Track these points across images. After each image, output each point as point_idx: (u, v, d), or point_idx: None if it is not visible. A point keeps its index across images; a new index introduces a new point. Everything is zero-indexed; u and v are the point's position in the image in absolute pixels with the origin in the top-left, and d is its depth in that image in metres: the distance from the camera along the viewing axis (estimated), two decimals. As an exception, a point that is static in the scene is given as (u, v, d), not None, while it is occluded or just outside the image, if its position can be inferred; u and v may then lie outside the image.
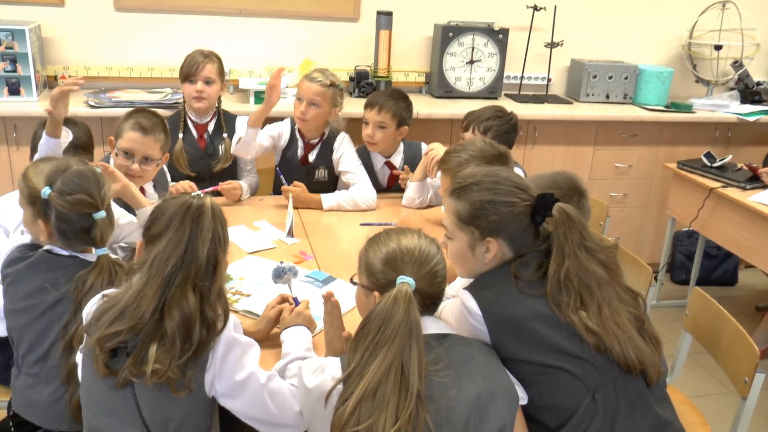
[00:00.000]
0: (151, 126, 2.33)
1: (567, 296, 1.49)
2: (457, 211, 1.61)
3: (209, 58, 2.90)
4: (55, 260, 1.68)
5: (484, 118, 2.65)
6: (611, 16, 4.39)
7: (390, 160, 3.07)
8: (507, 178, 1.62)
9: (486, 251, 1.58)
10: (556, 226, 1.54)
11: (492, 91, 4.10)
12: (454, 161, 2.22)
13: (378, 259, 1.47)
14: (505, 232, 1.57)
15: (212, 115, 2.98)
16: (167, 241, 1.39)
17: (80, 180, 1.65)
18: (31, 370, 1.68)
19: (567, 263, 1.50)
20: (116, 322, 1.36)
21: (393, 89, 3.13)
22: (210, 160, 2.94)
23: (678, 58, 4.53)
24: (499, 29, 4.01)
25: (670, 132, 4.08)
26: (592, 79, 4.17)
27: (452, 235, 1.64)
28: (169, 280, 1.37)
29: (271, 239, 2.45)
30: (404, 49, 4.12)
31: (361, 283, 1.52)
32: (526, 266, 1.54)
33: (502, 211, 1.56)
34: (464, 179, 1.64)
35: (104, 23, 3.74)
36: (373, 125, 2.93)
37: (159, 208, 1.46)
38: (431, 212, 2.59)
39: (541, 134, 3.89)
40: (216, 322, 1.40)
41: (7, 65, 3.31)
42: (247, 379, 1.43)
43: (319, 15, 3.98)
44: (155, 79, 3.82)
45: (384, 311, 1.34)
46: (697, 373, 3.22)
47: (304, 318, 1.76)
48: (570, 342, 1.47)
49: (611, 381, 1.47)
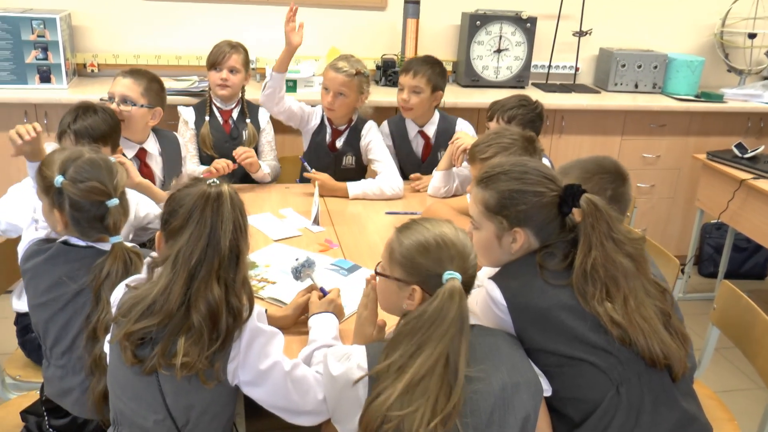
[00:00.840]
0: (137, 72, 2.53)
1: (593, 287, 1.47)
2: (485, 200, 1.60)
3: (235, 48, 2.99)
4: (72, 252, 1.69)
5: (509, 107, 2.63)
6: (641, 4, 4.32)
7: (423, 129, 3.07)
8: (535, 167, 1.60)
9: (513, 241, 1.57)
10: (584, 217, 1.52)
11: (519, 81, 4.07)
12: (483, 150, 2.20)
13: (417, 251, 1.42)
14: (533, 222, 1.56)
15: (236, 103, 3.06)
16: (189, 235, 1.37)
17: (92, 168, 1.65)
18: (59, 362, 1.70)
19: (594, 254, 1.49)
20: (144, 318, 1.36)
21: (427, 55, 3.13)
22: (234, 143, 2.98)
23: (709, 46, 4.45)
24: (527, 17, 3.97)
25: (700, 122, 4.02)
26: (621, 68, 4.11)
27: (479, 224, 1.63)
28: (193, 274, 1.37)
29: (297, 227, 2.46)
30: (431, 37, 4.10)
31: (394, 275, 1.47)
32: (551, 256, 1.54)
33: (531, 201, 1.55)
34: (492, 168, 1.63)
35: (133, 12, 3.78)
36: (408, 90, 2.95)
37: (175, 199, 1.43)
38: (457, 201, 2.58)
39: (569, 124, 3.86)
40: (242, 311, 1.40)
41: (38, 53, 3.36)
42: (271, 368, 1.44)
43: (347, 4, 3.97)
44: (182, 67, 3.85)
45: (439, 309, 1.32)
46: (723, 368, 3.18)
47: (335, 306, 1.76)
48: (595, 334, 1.46)
49: (636, 374, 1.46)
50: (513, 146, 2.14)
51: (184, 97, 3.38)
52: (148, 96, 2.52)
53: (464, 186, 2.83)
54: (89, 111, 2.22)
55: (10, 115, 3.29)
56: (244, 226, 1.44)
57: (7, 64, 3.32)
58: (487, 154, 2.15)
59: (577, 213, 1.55)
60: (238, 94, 3.06)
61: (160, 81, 2.60)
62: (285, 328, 1.76)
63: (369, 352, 1.39)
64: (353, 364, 1.39)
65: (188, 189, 1.43)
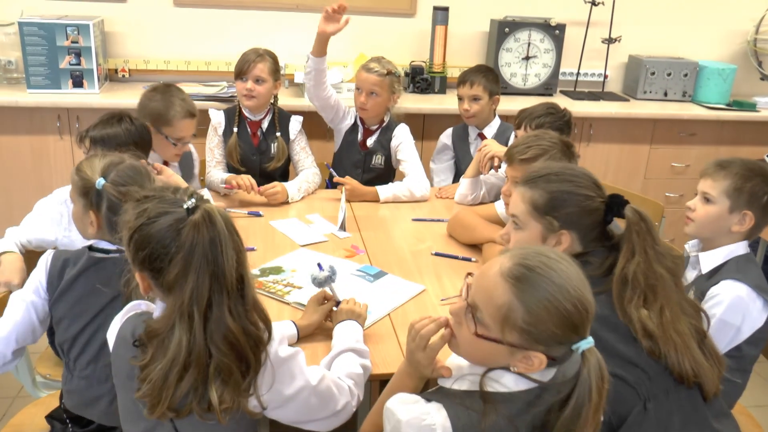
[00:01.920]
0: (195, 108, 2.60)
1: (632, 292, 1.46)
2: (534, 200, 1.58)
3: (262, 57, 2.89)
4: (102, 261, 1.69)
5: (537, 115, 2.62)
6: (671, 11, 4.27)
7: (483, 131, 3.16)
8: (584, 173, 1.61)
9: (557, 244, 1.56)
10: (629, 225, 1.51)
11: (547, 88, 4.05)
12: (522, 151, 2.18)
13: (550, 318, 1.15)
14: (579, 227, 1.56)
15: (266, 112, 2.99)
16: (196, 277, 1.23)
17: (133, 173, 1.70)
18: (84, 372, 1.70)
19: (636, 259, 1.47)
20: (183, 382, 1.26)
21: (479, 65, 3.28)
22: (262, 158, 2.96)
23: (742, 54, 4.38)
24: (555, 24, 3.95)
25: (731, 131, 3.96)
26: (650, 76, 4.07)
27: (524, 224, 1.61)
28: (207, 317, 1.26)
29: (323, 233, 2.46)
30: (459, 44, 4.10)
31: (508, 340, 1.18)
32: (587, 264, 1.50)
33: (581, 204, 1.55)
34: (541, 169, 1.63)
35: (163, 18, 3.83)
36: (467, 100, 3.09)
37: (152, 239, 1.24)
38: (484, 209, 2.56)
39: (597, 132, 3.83)
40: (260, 335, 1.31)
41: (72, 59, 3.41)
42: (298, 391, 1.38)
43: (376, 10, 3.98)
44: (211, 73, 3.89)
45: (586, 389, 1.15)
46: (755, 383, 3.11)
47: (357, 314, 1.75)
48: (624, 345, 1.44)
49: (664, 391, 1.43)
50: (552, 149, 2.13)
51: (213, 103, 3.41)
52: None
53: (491, 194, 2.82)
54: (125, 120, 2.23)
55: (43, 119, 3.35)
56: (241, 245, 1.30)
57: (42, 69, 3.38)
58: (526, 156, 2.13)
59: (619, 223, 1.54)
60: (267, 104, 2.98)
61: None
62: (307, 334, 1.77)
63: (452, 415, 1.19)
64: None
65: (161, 221, 1.24)
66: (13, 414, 1.97)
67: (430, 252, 2.34)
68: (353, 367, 1.56)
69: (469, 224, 2.41)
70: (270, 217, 2.59)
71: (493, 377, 1.21)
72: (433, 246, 2.39)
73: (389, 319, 1.90)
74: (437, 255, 2.33)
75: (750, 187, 1.84)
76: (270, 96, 2.95)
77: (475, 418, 1.16)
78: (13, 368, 2.03)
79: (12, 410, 2.63)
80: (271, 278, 2.08)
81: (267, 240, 2.38)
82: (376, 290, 2.04)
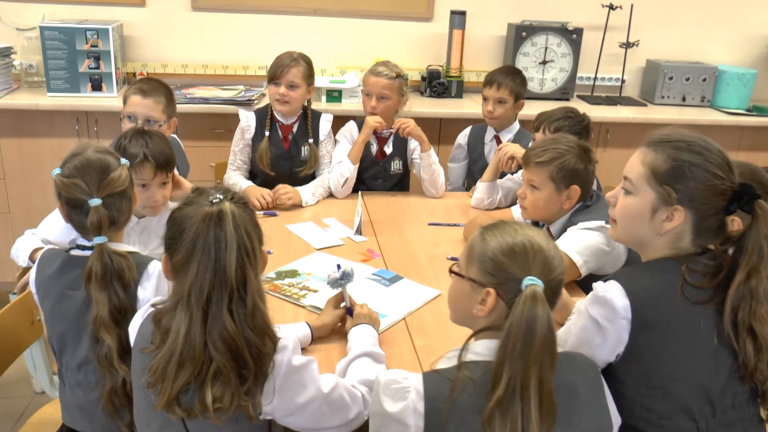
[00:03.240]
0: (151, 89, 2.46)
1: (757, 305, 1.35)
2: (655, 164, 1.43)
3: (296, 61, 2.85)
4: (77, 260, 1.67)
5: (555, 118, 2.61)
6: (690, 15, 4.25)
7: (499, 134, 3.15)
8: (719, 150, 1.43)
9: (667, 219, 1.42)
10: (757, 224, 1.37)
11: (564, 92, 4.03)
12: (538, 154, 2.17)
13: (501, 251, 1.28)
14: (698, 207, 1.40)
15: (298, 117, 2.96)
16: (197, 269, 1.26)
17: (82, 166, 1.63)
18: (76, 378, 1.68)
19: (764, 267, 1.36)
20: (181, 373, 1.28)
21: (507, 66, 3.29)
22: (292, 162, 2.94)
23: (763, 58, 4.34)
24: (573, 29, 3.94)
25: (751, 137, 3.92)
26: (668, 81, 4.05)
27: (636, 189, 1.46)
28: (207, 311, 1.27)
29: (339, 236, 2.47)
30: (477, 48, 4.10)
31: (469, 275, 1.32)
32: (693, 273, 1.40)
33: (708, 183, 1.39)
34: (672, 134, 1.46)
35: (181, 22, 3.86)
36: (492, 102, 3.07)
37: (176, 221, 1.32)
38: (501, 214, 2.56)
39: (614, 137, 3.80)
40: (260, 346, 1.29)
41: (91, 62, 3.45)
42: (310, 400, 1.38)
43: (393, 14, 3.99)
44: (229, 77, 3.91)
45: (526, 318, 1.18)
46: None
47: (371, 318, 1.75)
48: (711, 377, 1.38)
49: (722, 425, 1.39)
50: (568, 153, 2.12)
51: (230, 106, 3.43)
52: (168, 110, 2.50)
53: (507, 198, 2.81)
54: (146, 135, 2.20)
55: (63, 122, 3.39)
56: (252, 246, 1.30)
57: (62, 73, 3.42)
58: (542, 159, 2.13)
59: (738, 220, 1.43)
60: (299, 109, 2.94)
61: (170, 88, 2.57)
62: (322, 336, 1.77)
63: (427, 387, 1.25)
64: (410, 404, 1.24)
65: (188, 208, 1.32)
66: (32, 413, 1.99)
67: (446, 257, 2.34)
68: (368, 374, 1.55)
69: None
70: (287, 221, 2.60)
71: (469, 348, 1.28)
72: (449, 251, 2.38)
73: (404, 324, 1.89)
74: (453, 260, 2.32)
75: None
76: (303, 101, 2.91)
77: (447, 384, 1.22)
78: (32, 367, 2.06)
79: (30, 409, 2.65)
80: (287, 281, 2.08)
81: (283, 243, 2.39)
82: (391, 294, 2.04)
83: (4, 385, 2.69)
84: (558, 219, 2.19)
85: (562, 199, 2.14)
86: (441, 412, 1.21)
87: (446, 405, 1.21)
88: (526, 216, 2.27)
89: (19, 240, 2.13)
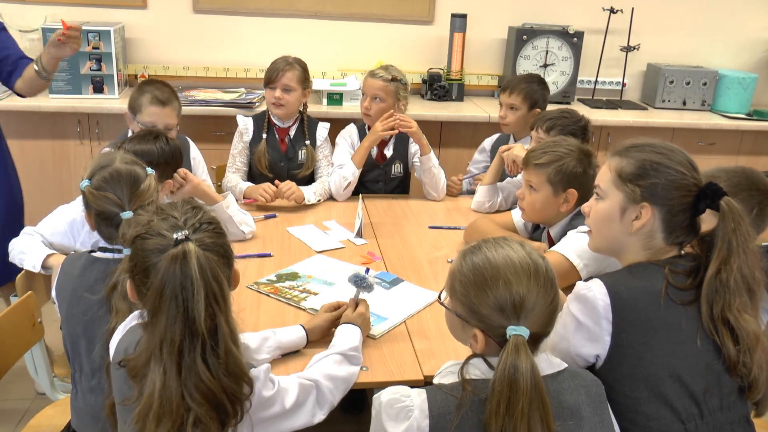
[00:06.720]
0: (167, 98, 2.54)
1: (731, 296, 1.38)
2: (621, 168, 1.51)
3: (291, 65, 2.89)
4: (97, 262, 1.68)
5: (549, 117, 2.61)
6: (691, 19, 4.26)
7: (519, 142, 3.10)
8: (682, 151, 1.51)
9: (636, 218, 1.48)
10: (723, 220, 1.41)
11: (565, 96, 4.04)
12: (538, 156, 2.17)
13: (485, 302, 1.25)
14: (663, 203, 1.46)
15: (294, 120, 2.99)
16: (165, 320, 1.21)
17: (113, 179, 1.65)
18: (89, 383, 1.69)
19: (734, 260, 1.39)
20: (160, 427, 1.23)
21: (529, 74, 3.23)
22: (290, 164, 2.96)
23: (763, 63, 4.35)
24: (574, 32, 3.95)
25: (751, 141, 3.93)
26: (669, 85, 4.06)
27: (605, 194, 1.54)
28: (180, 363, 1.22)
29: (340, 239, 2.47)
30: (477, 51, 4.11)
31: (456, 310, 1.31)
32: (676, 275, 1.45)
33: (670, 178, 1.46)
34: (636, 141, 1.54)
35: (183, 25, 3.87)
36: (505, 107, 3.04)
37: (140, 255, 1.27)
38: (501, 217, 2.56)
39: (614, 140, 3.81)
40: (237, 392, 1.27)
41: (93, 64, 3.45)
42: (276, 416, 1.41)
43: (394, 17, 4.00)
44: (230, 79, 3.92)
45: (506, 375, 1.17)
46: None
47: (363, 320, 1.76)
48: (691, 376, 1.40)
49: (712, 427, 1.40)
50: (568, 156, 2.12)
51: (231, 109, 3.44)
52: (179, 112, 2.63)
53: (508, 201, 2.82)
54: (159, 138, 2.22)
55: (64, 124, 3.40)
56: (220, 290, 1.24)
57: (63, 75, 3.43)
58: (541, 161, 2.14)
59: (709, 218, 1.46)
60: (295, 113, 2.98)
61: (175, 91, 2.64)
62: (316, 338, 1.76)
63: (431, 405, 1.24)
64: (414, 423, 1.24)
65: (152, 241, 1.26)
66: (33, 414, 1.99)
67: (446, 260, 2.34)
68: (337, 371, 1.56)
69: (485, 232, 2.40)
70: (287, 224, 2.60)
71: (472, 363, 1.27)
72: (449, 254, 2.38)
73: (405, 326, 1.90)
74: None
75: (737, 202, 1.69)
76: (299, 104, 2.96)
77: (452, 402, 1.21)
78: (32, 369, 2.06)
79: (31, 411, 2.65)
80: (288, 284, 2.08)
81: (283, 246, 2.39)
82: (392, 297, 2.05)
83: (4, 386, 2.69)
84: (558, 222, 2.20)
85: (559, 201, 2.15)
86: (446, 431, 1.20)
87: (453, 423, 1.20)
88: (524, 217, 2.28)
89: (15, 241, 2.11)
